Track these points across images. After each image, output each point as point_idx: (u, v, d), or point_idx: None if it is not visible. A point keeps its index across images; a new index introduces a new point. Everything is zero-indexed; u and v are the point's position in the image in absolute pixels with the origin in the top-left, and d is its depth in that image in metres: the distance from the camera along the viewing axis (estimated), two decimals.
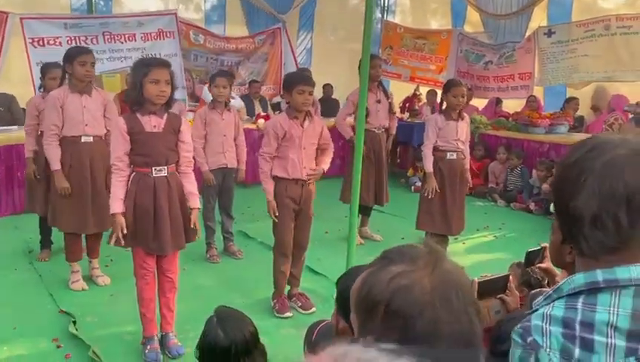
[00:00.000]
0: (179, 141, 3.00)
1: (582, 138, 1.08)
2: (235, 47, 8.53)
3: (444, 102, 4.38)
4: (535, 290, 2.22)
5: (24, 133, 4.33)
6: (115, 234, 2.88)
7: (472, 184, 4.74)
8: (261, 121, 7.30)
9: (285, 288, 3.72)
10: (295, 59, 9.18)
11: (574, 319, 0.94)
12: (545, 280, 2.26)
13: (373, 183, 5.03)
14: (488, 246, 5.15)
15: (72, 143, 3.77)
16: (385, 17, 9.74)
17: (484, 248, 5.10)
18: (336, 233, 5.11)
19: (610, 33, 7.15)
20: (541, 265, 2.06)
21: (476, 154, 7.18)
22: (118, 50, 7.03)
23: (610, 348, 0.93)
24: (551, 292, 1.01)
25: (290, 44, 9.01)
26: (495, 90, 8.33)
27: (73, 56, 3.72)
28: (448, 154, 4.36)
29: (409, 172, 7.63)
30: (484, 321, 1.80)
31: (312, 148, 3.58)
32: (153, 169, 2.91)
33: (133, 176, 2.92)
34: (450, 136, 4.34)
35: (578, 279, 0.98)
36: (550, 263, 1.90)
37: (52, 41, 6.50)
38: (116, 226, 2.85)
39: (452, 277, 0.84)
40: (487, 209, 6.47)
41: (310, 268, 4.16)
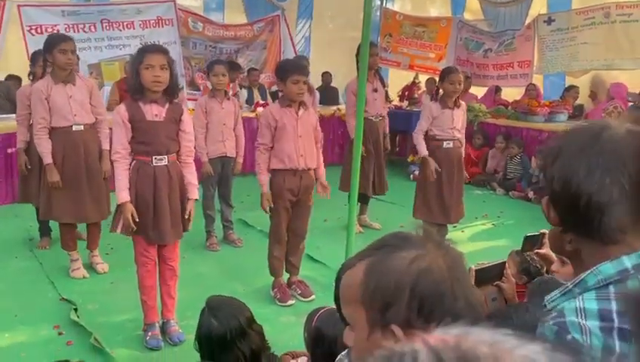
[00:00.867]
0: (180, 130, 3.00)
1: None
2: (233, 34, 8.49)
3: (440, 89, 4.37)
4: (535, 279, 2.24)
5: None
6: (122, 223, 2.90)
7: (467, 174, 4.73)
8: (260, 109, 7.29)
9: (284, 275, 3.75)
10: (294, 46, 9.14)
11: (611, 310, 0.92)
12: (544, 268, 2.28)
13: (372, 172, 5.04)
14: (487, 234, 5.18)
15: (64, 133, 3.75)
16: (384, 5, 9.68)
17: (483, 236, 5.12)
18: (335, 221, 5.13)
19: (610, 21, 7.12)
20: (539, 251, 2.08)
21: (475, 142, 7.18)
22: (116, 37, 7.00)
23: None
24: (571, 286, 0.98)
25: (289, 32, 8.97)
26: (494, 79, 8.32)
27: (53, 44, 3.64)
28: (444, 143, 4.35)
29: (409, 158, 7.63)
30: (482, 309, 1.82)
31: (309, 136, 3.55)
32: (154, 158, 2.92)
33: (133, 165, 2.93)
34: (446, 125, 4.33)
35: (606, 269, 0.94)
36: (549, 250, 1.92)
37: (50, 29, 6.46)
38: (126, 214, 2.85)
39: (459, 260, 0.86)
40: (485, 197, 6.49)
41: (309, 256, 4.18)
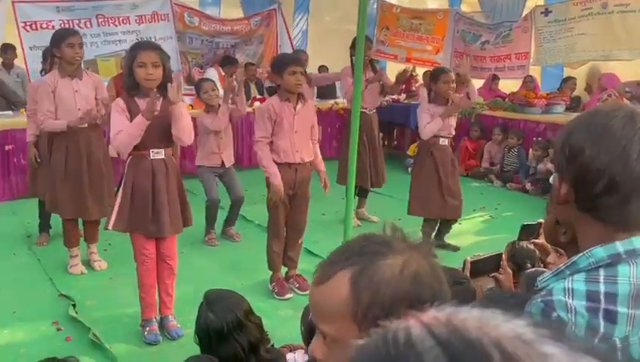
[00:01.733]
0: (175, 118, 2.96)
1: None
2: (230, 29, 8.45)
3: (433, 91, 4.38)
4: (531, 269, 2.25)
5: (25, 118, 4.32)
6: (114, 218, 2.92)
7: (462, 169, 4.71)
8: (257, 103, 7.27)
9: (282, 269, 3.76)
10: (291, 40, 9.12)
11: (599, 291, 0.94)
12: (535, 261, 2.29)
13: (369, 165, 5.04)
14: (484, 226, 5.19)
15: (68, 129, 3.74)
16: None
17: (481, 228, 5.13)
18: (333, 215, 5.13)
19: (608, 12, 7.10)
20: (536, 241, 2.09)
21: (472, 134, 7.19)
22: (112, 33, 6.97)
23: (630, 319, 0.94)
24: (562, 267, 1.00)
25: (285, 26, 8.95)
26: (492, 70, 8.30)
27: (60, 39, 3.66)
28: (441, 140, 4.36)
29: (409, 150, 7.62)
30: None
31: (305, 132, 3.54)
32: (151, 151, 2.92)
33: (130, 160, 2.93)
34: (443, 123, 4.35)
35: (598, 253, 0.96)
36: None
37: (45, 25, 6.44)
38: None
39: (435, 258, 0.85)
40: (483, 189, 6.50)
41: (307, 249, 4.18)
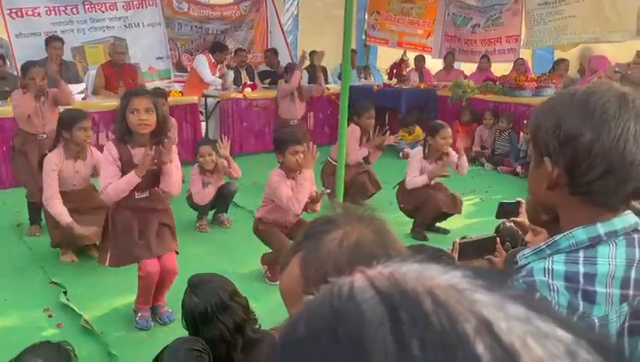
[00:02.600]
0: (165, 173, 2.96)
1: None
2: (219, 14, 8.39)
3: (429, 144, 4.41)
4: (510, 251, 2.27)
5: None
6: (110, 255, 2.99)
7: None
8: (248, 90, 7.25)
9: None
10: (281, 25, 9.06)
11: (578, 272, 0.95)
12: (518, 240, 2.31)
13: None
14: (475, 209, 5.21)
15: (61, 194, 3.72)
16: None
17: (471, 211, 5.15)
18: (326, 201, 5.13)
19: None
20: (516, 219, 2.10)
21: (463, 118, 7.19)
22: (99, 19, 6.90)
23: (609, 298, 0.95)
24: (543, 246, 1.00)
25: (275, 11, 8.88)
26: (482, 54, 8.30)
27: (72, 121, 3.64)
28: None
29: (399, 135, 7.62)
30: None
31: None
32: (135, 193, 2.97)
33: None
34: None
35: (578, 235, 0.97)
36: (525, 218, 1.95)
37: (30, 12, 6.37)
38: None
39: (384, 225, 0.87)
40: (473, 173, 6.51)
41: None
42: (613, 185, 0.95)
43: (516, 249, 2.11)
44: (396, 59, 8.48)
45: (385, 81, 8.36)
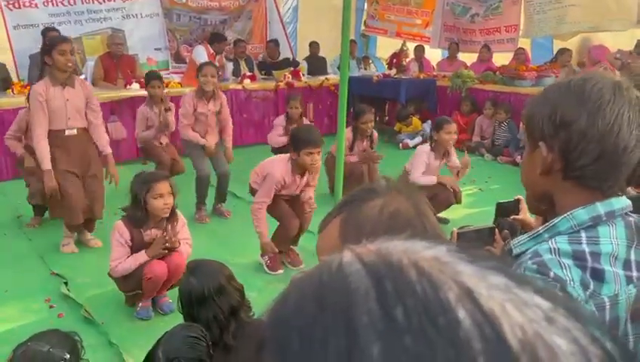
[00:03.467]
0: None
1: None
2: (218, 5, 8.35)
3: (435, 139, 4.40)
4: (506, 241, 2.27)
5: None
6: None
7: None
8: (247, 81, 7.23)
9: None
10: (280, 16, 9.02)
11: (584, 251, 0.95)
12: (516, 232, 2.31)
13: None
14: (474, 199, 5.23)
15: (56, 137, 3.71)
16: None
17: (471, 201, 5.16)
18: (325, 189, 5.14)
19: None
20: (516, 217, 2.10)
21: (463, 109, 7.18)
22: (97, 10, 6.87)
23: (617, 277, 0.96)
24: (541, 230, 1.01)
25: (274, 1, 8.84)
26: (482, 44, 8.27)
27: (52, 46, 3.60)
28: None
29: (396, 127, 7.63)
30: None
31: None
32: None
33: None
34: (434, 172, 4.44)
35: (579, 215, 0.97)
36: (527, 215, 1.95)
37: (28, 3, 6.34)
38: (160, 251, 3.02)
39: (422, 199, 0.90)
40: (473, 163, 6.45)
41: None
42: (606, 170, 0.96)
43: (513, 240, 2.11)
44: (396, 49, 8.47)
45: (386, 70, 8.34)
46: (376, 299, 0.31)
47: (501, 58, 8.17)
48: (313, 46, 8.72)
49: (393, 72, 8.08)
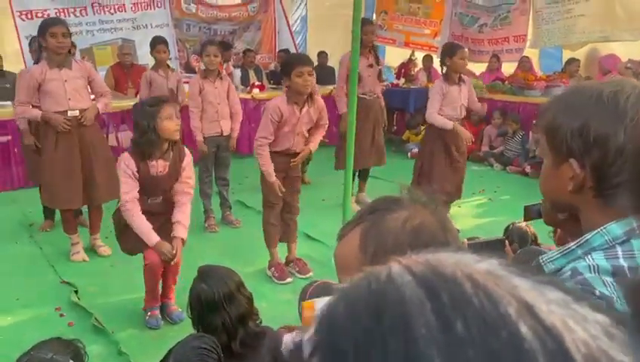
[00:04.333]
0: (181, 179, 3.06)
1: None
2: (227, 15, 8.42)
3: (446, 66, 4.35)
4: (526, 248, 2.26)
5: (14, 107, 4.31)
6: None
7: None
8: (256, 90, 7.26)
9: (277, 244, 3.77)
10: (289, 26, 9.07)
11: (623, 266, 0.92)
12: (527, 241, 2.30)
13: (369, 149, 5.05)
14: (484, 209, 5.21)
15: (42, 120, 3.71)
16: None
17: (480, 211, 5.15)
18: (333, 200, 5.13)
19: None
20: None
21: (472, 118, 7.16)
22: (108, 21, 6.95)
23: None
24: (573, 246, 0.96)
25: (283, 11, 8.90)
26: (490, 54, 8.27)
27: (44, 28, 3.60)
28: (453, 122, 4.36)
29: (405, 136, 7.62)
30: None
31: (305, 129, 3.59)
32: (149, 198, 3.04)
33: None
34: (455, 102, 4.34)
35: (613, 230, 0.93)
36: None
37: (40, 14, 6.42)
38: (168, 252, 2.95)
39: (445, 214, 0.90)
40: (482, 173, 6.50)
41: (306, 234, 4.21)
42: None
43: (525, 248, 2.11)
44: (404, 58, 8.48)
45: (394, 80, 8.35)
46: (433, 310, 0.30)
47: (508, 67, 8.16)
48: (321, 56, 8.75)
49: (402, 81, 8.09)
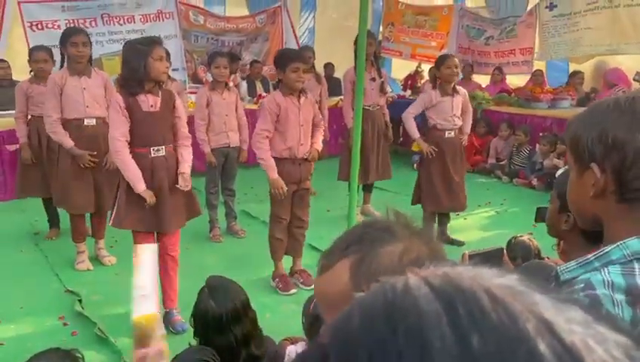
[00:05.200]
0: (175, 117, 3.04)
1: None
2: (235, 26, 8.48)
3: (438, 77, 4.38)
4: (531, 261, 2.24)
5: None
6: (114, 215, 2.94)
7: (468, 163, 4.70)
8: (262, 101, 7.28)
9: (284, 260, 3.76)
10: (296, 38, 9.12)
11: (637, 284, 0.91)
12: (529, 255, 2.28)
13: (374, 162, 5.05)
14: (490, 221, 5.18)
15: (76, 127, 3.79)
16: None
17: (486, 223, 5.12)
18: (338, 211, 5.13)
19: (614, 5, 7.05)
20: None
21: (479, 130, 7.15)
22: (117, 32, 7.01)
23: None
24: (591, 258, 0.95)
25: (290, 23, 8.95)
26: (496, 66, 8.27)
27: (65, 37, 3.72)
28: (447, 132, 4.36)
29: (414, 146, 7.59)
30: None
31: (308, 126, 3.56)
32: (151, 149, 2.95)
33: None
34: (446, 113, 4.34)
35: (633, 245, 0.92)
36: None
37: (50, 25, 6.50)
38: (151, 200, 2.90)
39: (438, 245, 0.86)
40: (489, 185, 6.48)
41: (311, 245, 4.19)
42: None
43: (530, 262, 2.09)
44: (411, 70, 8.50)
45: (400, 92, 8.36)
46: (449, 323, 0.30)
47: (516, 80, 8.16)
48: (328, 67, 8.78)
49: (408, 93, 8.10)
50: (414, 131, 4.40)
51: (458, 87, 4.42)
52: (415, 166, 7.09)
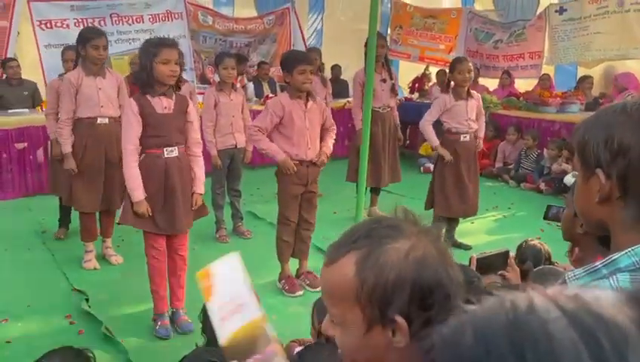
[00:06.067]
0: (187, 122, 3.05)
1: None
2: (244, 28, 8.49)
3: (452, 81, 4.36)
4: (540, 267, 2.22)
5: (44, 116, 4.40)
6: (129, 215, 2.95)
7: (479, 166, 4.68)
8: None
9: (290, 262, 3.75)
10: (304, 39, 9.12)
11: None
12: (540, 260, 2.27)
13: (383, 163, 5.04)
14: (497, 225, 5.15)
15: (88, 125, 3.82)
16: None
17: (493, 227, 5.09)
18: (344, 213, 5.12)
19: (624, 10, 7.02)
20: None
21: (487, 134, 7.10)
22: (126, 32, 7.04)
23: None
24: (599, 265, 0.93)
25: (299, 25, 8.96)
26: (504, 70, 8.25)
27: (86, 39, 3.74)
28: (462, 136, 4.34)
29: (422, 150, 7.58)
30: None
31: (316, 130, 3.55)
32: (165, 150, 2.96)
33: (143, 158, 2.95)
34: (461, 117, 4.32)
35: None
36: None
37: (59, 24, 6.52)
38: (142, 210, 2.89)
39: (444, 244, 0.86)
40: (496, 189, 6.45)
41: (318, 247, 4.18)
42: None
43: (542, 268, 2.07)
44: (418, 73, 8.48)
45: (406, 95, 8.34)
46: (592, 357, 0.27)
47: (524, 84, 8.12)
48: (335, 69, 8.79)
49: (415, 95, 8.09)
50: (434, 139, 4.37)
51: (472, 91, 4.40)
52: (423, 169, 7.11)
